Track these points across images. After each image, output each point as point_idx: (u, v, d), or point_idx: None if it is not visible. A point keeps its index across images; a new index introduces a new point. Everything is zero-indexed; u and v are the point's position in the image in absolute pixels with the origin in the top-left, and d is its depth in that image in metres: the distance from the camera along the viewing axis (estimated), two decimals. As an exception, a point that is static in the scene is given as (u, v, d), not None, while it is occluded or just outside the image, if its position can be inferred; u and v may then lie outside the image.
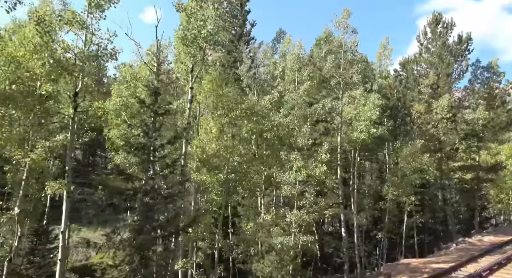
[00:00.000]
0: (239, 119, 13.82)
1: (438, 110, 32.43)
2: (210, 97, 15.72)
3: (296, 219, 17.40)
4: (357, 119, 22.70)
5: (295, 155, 17.74)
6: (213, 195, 14.28)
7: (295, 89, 23.65)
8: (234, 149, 13.78)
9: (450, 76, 35.51)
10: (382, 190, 25.51)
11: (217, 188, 14.29)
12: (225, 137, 13.84)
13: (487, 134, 36.05)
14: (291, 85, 24.26)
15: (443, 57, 35.74)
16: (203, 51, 14.06)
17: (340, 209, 23.79)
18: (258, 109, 14.18)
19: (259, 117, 14.21)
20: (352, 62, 23.92)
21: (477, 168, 35.66)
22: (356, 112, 22.62)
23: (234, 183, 14.60)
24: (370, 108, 22.38)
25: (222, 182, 14.27)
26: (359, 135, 22.10)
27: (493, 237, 28.87)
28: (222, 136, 13.96)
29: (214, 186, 14.33)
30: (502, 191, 46.54)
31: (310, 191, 18.27)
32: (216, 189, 14.26)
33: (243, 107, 13.76)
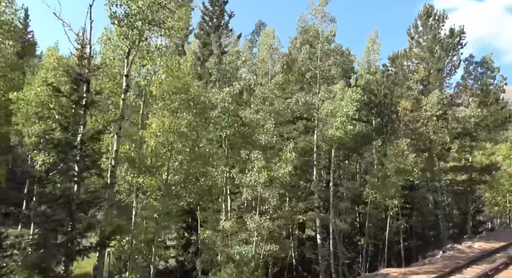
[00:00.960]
0: (180, 111, 11.91)
1: (427, 108, 30.43)
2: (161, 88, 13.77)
3: (256, 226, 15.45)
4: (334, 116, 20.74)
5: (256, 154, 15.79)
6: (152, 200, 12.33)
7: (267, 82, 21.71)
8: (174, 145, 11.83)
9: (441, 71, 33.48)
10: (363, 193, 23.54)
11: (156, 192, 12.35)
12: (165, 132, 11.91)
13: (481, 133, 34.03)
14: (264, 78, 22.33)
15: (434, 51, 33.73)
16: (138, 32, 12.11)
17: (316, 213, 21.81)
18: (202, 100, 12.27)
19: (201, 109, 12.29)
20: (329, 53, 21.94)
21: (470, 168, 33.65)
22: (332, 108, 20.65)
23: (178, 186, 12.66)
24: (347, 103, 20.41)
25: (162, 185, 12.33)
26: (334, 133, 20.13)
27: (484, 243, 26.87)
28: (163, 132, 12.03)
29: (153, 189, 12.38)
30: (498, 193, 44.63)
31: (273, 194, 16.32)
32: (156, 194, 12.31)
33: (183, 97, 11.83)
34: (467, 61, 35.11)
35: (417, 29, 36.63)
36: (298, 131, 27.66)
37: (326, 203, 23.80)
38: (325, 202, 23.61)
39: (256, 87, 21.03)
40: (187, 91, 12.04)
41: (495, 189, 43.15)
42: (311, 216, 23.40)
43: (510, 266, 19.85)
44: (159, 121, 12.40)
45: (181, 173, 12.28)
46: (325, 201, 23.57)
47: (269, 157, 16.31)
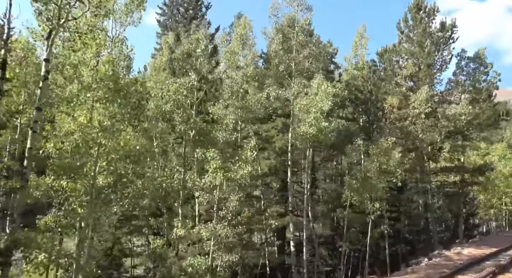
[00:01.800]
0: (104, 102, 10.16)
1: (415, 105, 28.66)
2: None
3: (209, 234, 13.68)
4: (308, 112, 18.95)
5: (212, 153, 14.02)
6: (76, 206, 10.55)
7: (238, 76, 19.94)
8: (97, 141, 10.04)
9: (432, 67, 31.71)
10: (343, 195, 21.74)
11: (81, 196, 10.58)
12: (87, 127, 10.13)
13: (473, 132, 32.23)
14: (236, 71, 20.54)
15: (424, 46, 31.97)
16: (58, 8, 10.37)
17: (290, 218, 20.03)
18: (133, 90, 10.50)
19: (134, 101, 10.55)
20: (304, 44, 20.16)
21: (461, 169, 31.89)
22: (305, 103, 18.86)
23: (108, 190, 10.88)
24: (321, 98, 18.63)
25: (86, 188, 10.55)
26: (306, 130, 18.34)
27: (474, 249, 25.12)
28: (85, 127, 10.26)
29: (78, 194, 10.60)
30: (493, 195, 42.84)
31: (232, 198, 14.55)
32: (80, 199, 10.54)
33: (110, 85, 10.05)
34: (459, 57, 33.30)
35: (407, 23, 34.83)
36: (277, 130, 25.93)
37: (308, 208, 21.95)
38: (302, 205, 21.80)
39: (224, 81, 19.30)
40: (117, 79, 10.31)
41: (490, 190, 41.44)
42: (287, 221, 21.62)
43: (498, 276, 18.14)
44: (84, 113, 10.64)
45: (110, 174, 10.52)
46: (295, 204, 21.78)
47: (228, 156, 14.51)
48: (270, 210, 19.66)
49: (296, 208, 21.65)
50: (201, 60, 16.46)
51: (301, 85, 19.71)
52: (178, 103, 14.33)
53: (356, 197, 20.70)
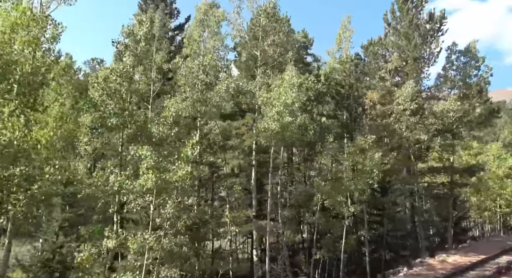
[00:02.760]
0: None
1: (400, 100, 26.67)
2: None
3: (136, 247, 11.68)
4: (271, 105, 16.95)
5: (145, 151, 12.03)
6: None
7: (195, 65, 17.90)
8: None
9: (418, 60, 29.72)
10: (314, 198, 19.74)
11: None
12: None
13: (464, 131, 30.22)
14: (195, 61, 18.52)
15: (411, 38, 30.00)
16: None
17: (253, 223, 18.03)
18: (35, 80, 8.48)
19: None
20: (268, 30, 18.14)
21: (450, 169, 29.87)
22: (268, 96, 16.84)
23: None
24: (285, 89, 16.64)
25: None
26: (268, 126, 16.35)
27: (460, 256, 23.12)
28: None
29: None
30: (487, 197, 40.84)
31: (170, 203, 12.53)
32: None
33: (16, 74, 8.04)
34: (450, 50, 31.27)
35: (394, 15, 32.83)
36: (247, 127, 23.92)
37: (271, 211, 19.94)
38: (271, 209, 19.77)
39: (180, 70, 17.29)
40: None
41: (483, 192, 39.46)
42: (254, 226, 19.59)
43: (482, 290, 16.22)
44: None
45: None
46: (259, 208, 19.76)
47: (166, 155, 12.51)
48: (232, 214, 17.63)
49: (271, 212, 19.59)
50: (142, 45, 14.39)
51: (266, 76, 17.71)
52: (109, 92, 12.35)
53: (328, 200, 18.70)
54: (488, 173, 40.26)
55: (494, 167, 41.56)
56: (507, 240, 29.57)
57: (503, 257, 22.28)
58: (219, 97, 17.19)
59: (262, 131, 16.53)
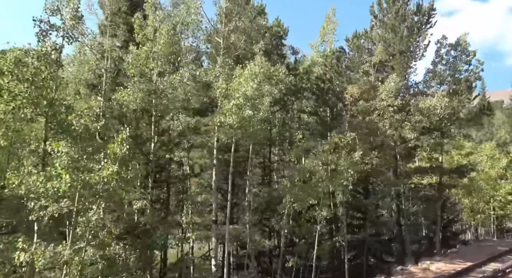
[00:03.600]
0: None
1: (383, 96, 24.93)
2: None
3: (43, 262, 9.91)
4: (229, 97, 15.17)
5: (61, 147, 10.28)
6: None
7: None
8: None
9: (405, 54, 27.98)
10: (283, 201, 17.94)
11: None
12: None
13: (452, 129, 28.51)
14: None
15: (397, 30, 28.28)
16: None
17: (212, 229, 16.26)
18: None
19: None
20: (228, 14, 16.35)
21: (437, 170, 28.13)
22: (225, 86, 15.06)
23: None
24: (246, 80, 14.88)
25: None
26: (224, 120, 14.59)
27: (445, 264, 21.40)
28: None
29: None
30: (480, 199, 39.11)
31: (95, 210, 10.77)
32: None
33: None
34: (439, 44, 29.55)
35: (381, 6, 31.12)
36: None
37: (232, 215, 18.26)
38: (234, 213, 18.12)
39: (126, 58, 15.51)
40: None
41: (475, 194, 37.75)
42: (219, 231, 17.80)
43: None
44: None
45: None
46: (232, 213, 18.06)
47: (91, 152, 10.72)
48: (189, 219, 15.85)
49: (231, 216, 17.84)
50: (70, 23, 12.48)
51: (226, 65, 15.93)
52: (22, 77, 10.57)
53: (297, 203, 16.94)
54: (480, 174, 38.60)
55: (487, 168, 39.85)
56: (498, 245, 27.85)
57: (490, 264, 20.57)
58: (180, 89, 15.42)
59: (218, 126, 14.76)
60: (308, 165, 17.22)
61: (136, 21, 15.61)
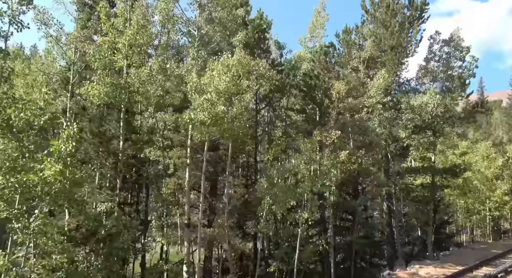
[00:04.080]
0: None
1: (372, 93, 23.96)
2: None
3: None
4: (201, 92, 14.14)
5: None
6: None
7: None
8: None
9: (396, 50, 27.00)
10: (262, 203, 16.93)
11: None
12: None
13: (446, 127, 27.52)
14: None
15: (388, 25, 27.30)
16: None
17: (185, 233, 15.23)
18: None
19: None
20: (203, 3, 15.29)
21: (429, 170, 27.15)
22: (196, 80, 14.02)
23: None
24: (219, 73, 13.87)
25: None
26: (195, 116, 13.57)
27: (435, 268, 20.41)
28: None
29: None
30: (475, 199, 38.20)
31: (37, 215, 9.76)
32: None
33: None
34: (432, 40, 28.62)
35: (372, 0, 30.17)
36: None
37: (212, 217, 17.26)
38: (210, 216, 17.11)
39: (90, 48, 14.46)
40: None
41: (471, 194, 36.82)
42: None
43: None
44: None
45: None
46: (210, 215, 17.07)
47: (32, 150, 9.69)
48: (160, 222, 14.84)
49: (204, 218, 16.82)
50: (16, 7, 11.31)
51: (199, 57, 14.90)
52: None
53: (275, 205, 15.94)
54: (476, 174, 37.70)
55: (482, 167, 38.95)
56: (493, 248, 26.90)
57: (482, 268, 19.61)
58: (155, 84, 14.39)
59: (187, 122, 13.74)
60: (287, 165, 16.16)
61: (101, 11, 14.59)
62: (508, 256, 23.36)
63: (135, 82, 14.42)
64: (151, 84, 14.04)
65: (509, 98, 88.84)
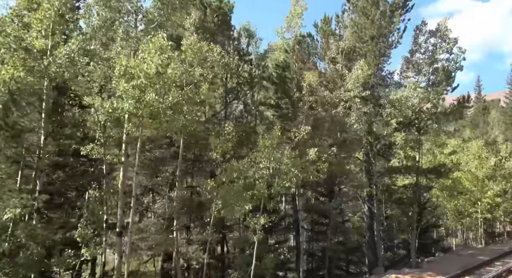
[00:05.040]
0: None
1: (349, 85, 21.97)
2: None
3: None
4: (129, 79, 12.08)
5: None
6: None
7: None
8: None
9: (377, 40, 25.00)
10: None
11: None
12: None
13: (431, 124, 25.51)
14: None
15: (369, 14, 25.30)
16: None
17: (116, 243, 13.20)
18: None
19: None
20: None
21: (413, 170, 25.15)
22: (125, 63, 11.96)
23: None
24: (150, 53, 11.86)
25: None
26: (117, 105, 11.54)
27: (412, 277, 18.51)
28: None
29: None
30: (466, 201, 36.22)
31: None
32: None
33: None
34: (418, 31, 26.63)
35: (354, -12, 28.15)
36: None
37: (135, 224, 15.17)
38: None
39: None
40: None
41: (460, 196, 34.83)
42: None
43: None
44: None
45: None
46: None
47: None
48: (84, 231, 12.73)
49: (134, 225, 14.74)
50: None
51: (130, 38, 12.86)
52: None
53: (224, 209, 13.94)
54: (466, 174, 35.72)
55: (473, 167, 36.96)
56: (481, 254, 24.92)
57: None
58: (73, 66, 12.31)
59: (109, 112, 11.70)
60: (235, 163, 14.13)
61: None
62: (495, 263, 21.39)
63: (51, 66, 12.30)
64: (70, 68, 11.93)
65: (506, 96, 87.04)
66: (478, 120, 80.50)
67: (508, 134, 66.38)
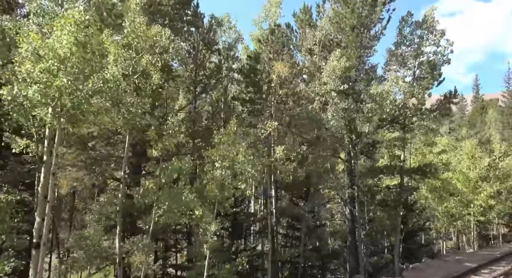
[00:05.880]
0: None
1: (325, 78, 20.16)
2: None
3: None
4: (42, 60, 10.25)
5: None
6: None
7: None
8: None
9: (358, 30, 23.18)
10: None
11: None
12: None
13: (416, 121, 23.73)
14: None
15: (350, 2, 23.49)
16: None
17: (32, 257, 11.34)
18: None
19: None
20: None
21: (396, 170, 23.37)
22: (38, 44, 10.14)
23: None
24: (65, 33, 10.04)
25: None
26: (18, 91, 9.73)
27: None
28: None
29: None
30: (457, 204, 34.44)
31: None
32: None
33: None
34: (403, 22, 24.84)
35: (337, -23, 26.34)
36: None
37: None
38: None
39: None
40: None
41: (451, 197, 33.06)
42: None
43: None
44: None
45: None
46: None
47: None
48: None
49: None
50: None
51: (45, 14, 11.05)
52: None
53: (165, 215, 12.13)
54: (457, 175, 34.00)
55: (465, 168, 35.23)
56: (468, 260, 23.14)
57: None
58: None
59: (9, 100, 9.88)
60: (176, 162, 12.31)
61: None
62: (482, 271, 19.62)
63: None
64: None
65: (503, 95, 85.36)
66: (475, 119, 78.87)
67: (505, 133, 64.69)
